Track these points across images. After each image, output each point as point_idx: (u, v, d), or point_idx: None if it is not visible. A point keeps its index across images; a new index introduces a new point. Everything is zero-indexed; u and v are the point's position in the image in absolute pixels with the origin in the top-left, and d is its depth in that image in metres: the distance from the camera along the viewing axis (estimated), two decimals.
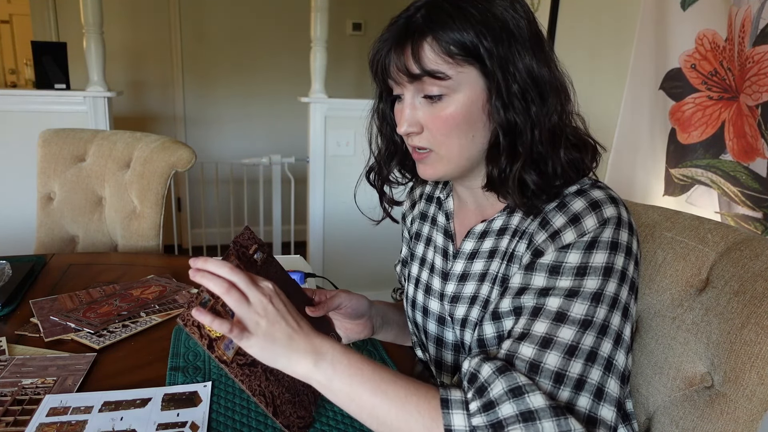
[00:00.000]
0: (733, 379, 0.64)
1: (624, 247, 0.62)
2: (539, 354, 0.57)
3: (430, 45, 0.63)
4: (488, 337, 0.67)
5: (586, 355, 0.57)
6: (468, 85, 0.64)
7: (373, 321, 0.86)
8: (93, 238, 1.65)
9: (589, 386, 0.56)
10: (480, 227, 0.74)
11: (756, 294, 0.64)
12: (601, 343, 0.58)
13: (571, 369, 0.56)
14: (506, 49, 0.62)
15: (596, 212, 0.62)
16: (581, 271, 0.60)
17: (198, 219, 3.50)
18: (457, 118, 0.65)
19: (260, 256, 0.71)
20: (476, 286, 0.73)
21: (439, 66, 0.63)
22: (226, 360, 0.63)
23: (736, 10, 1.25)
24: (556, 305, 0.59)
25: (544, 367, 0.57)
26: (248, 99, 3.86)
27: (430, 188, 0.88)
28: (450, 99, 0.64)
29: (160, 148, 1.58)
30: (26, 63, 4.80)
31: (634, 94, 1.58)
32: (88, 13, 2.23)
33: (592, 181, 0.67)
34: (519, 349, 0.58)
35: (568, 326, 0.58)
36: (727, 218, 1.32)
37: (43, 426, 0.67)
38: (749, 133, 1.24)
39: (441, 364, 0.80)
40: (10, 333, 0.93)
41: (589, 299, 0.59)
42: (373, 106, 0.78)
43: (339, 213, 2.78)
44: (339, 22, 3.72)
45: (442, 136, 0.66)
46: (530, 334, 0.59)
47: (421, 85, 0.65)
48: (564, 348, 0.57)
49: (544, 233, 0.64)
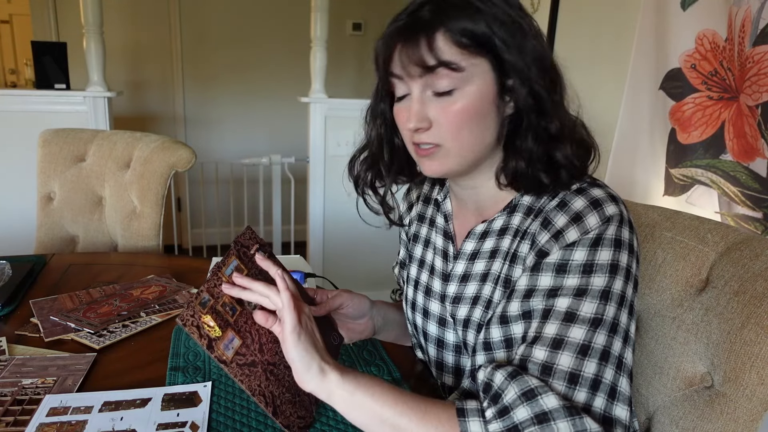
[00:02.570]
0: (733, 379, 0.64)
1: (627, 244, 0.62)
2: (551, 356, 0.58)
3: (444, 36, 0.63)
4: (495, 340, 0.67)
5: (599, 354, 0.58)
6: (479, 77, 0.64)
7: (374, 321, 0.86)
8: (93, 238, 1.65)
9: (603, 386, 0.57)
10: (480, 227, 0.74)
11: (756, 294, 0.64)
12: (612, 342, 0.58)
13: (586, 369, 0.57)
14: (519, 40, 0.63)
15: (598, 210, 0.62)
16: (588, 268, 0.60)
17: (198, 219, 3.50)
18: (468, 110, 0.65)
19: (261, 256, 0.71)
20: (478, 287, 0.73)
21: (454, 57, 0.63)
22: (226, 360, 0.63)
23: (736, 10, 1.25)
24: (565, 305, 0.60)
25: (557, 369, 0.57)
26: (248, 99, 3.86)
27: (427, 189, 0.88)
28: (460, 92, 0.64)
29: (160, 148, 1.58)
30: (26, 63, 4.80)
31: (634, 94, 1.58)
32: (88, 13, 2.23)
33: (591, 179, 0.67)
34: (531, 353, 0.59)
35: (579, 325, 0.58)
36: (727, 218, 1.32)
37: (43, 426, 0.67)
38: (749, 133, 1.24)
39: (442, 365, 0.80)
40: (10, 333, 0.93)
41: (598, 297, 0.59)
42: (369, 108, 0.77)
43: (339, 213, 2.78)
44: (339, 22, 3.72)
45: (454, 129, 0.66)
46: (541, 336, 0.59)
47: (432, 79, 0.64)
48: (576, 348, 0.58)
49: (547, 233, 0.64)
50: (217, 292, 0.65)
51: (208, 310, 0.64)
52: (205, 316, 0.63)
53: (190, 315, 0.62)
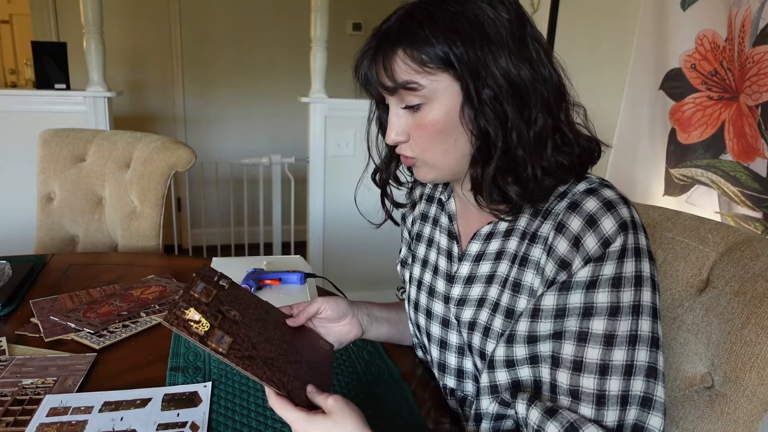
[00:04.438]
0: (733, 380, 0.64)
1: (646, 251, 0.62)
2: (601, 382, 0.60)
3: (402, 57, 0.63)
4: (519, 358, 0.67)
5: (644, 371, 0.60)
6: (444, 92, 0.63)
7: (359, 320, 0.84)
8: (93, 238, 1.65)
9: (656, 403, 0.60)
10: (486, 229, 0.74)
11: (756, 294, 0.64)
12: (656, 357, 0.60)
13: (634, 388, 0.59)
14: (478, 52, 0.60)
15: (612, 213, 0.61)
16: (616, 282, 0.60)
17: (198, 219, 3.50)
18: (437, 125, 0.65)
19: (226, 281, 0.71)
20: (483, 289, 0.72)
21: (412, 76, 0.63)
22: (223, 352, 0.61)
23: (736, 10, 1.25)
24: (602, 327, 0.60)
25: (609, 395, 0.59)
26: (248, 99, 3.86)
27: (431, 189, 0.88)
28: (428, 107, 0.65)
29: (160, 148, 1.58)
30: (26, 63, 4.80)
31: (634, 94, 1.58)
32: (88, 13, 2.23)
33: (600, 179, 0.67)
34: (581, 382, 0.60)
35: (619, 347, 0.60)
36: (727, 218, 1.32)
37: (44, 426, 0.67)
38: (749, 133, 1.24)
39: (444, 366, 0.80)
40: (10, 333, 0.93)
41: (630, 314, 0.60)
42: (370, 113, 0.78)
43: (339, 213, 2.78)
44: (339, 22, 3.71)
45: (425, 143, 0.67)
46: (584, 362, 0.60)
47: (400, 95, 0.65)
48: (621, 369, 0.59)
49: (563, 239, 0.63)
50: (195, 302, 0.64)
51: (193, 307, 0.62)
52: (188, 311, 0.62)
53: (174, 315, 0.61)
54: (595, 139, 0.69)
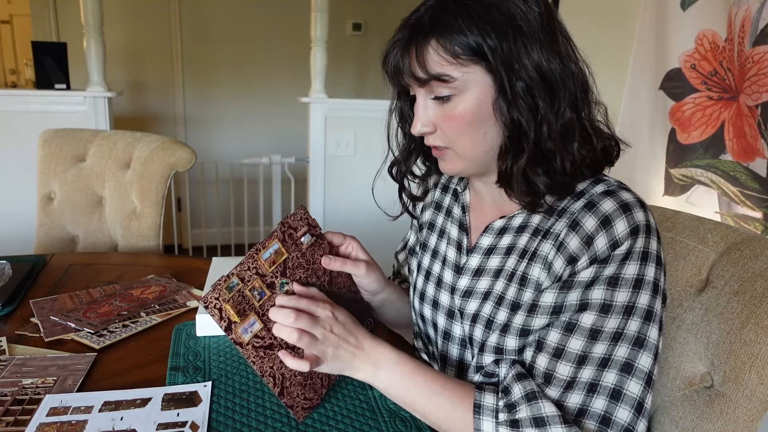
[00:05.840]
0: (733, 379, 0.64)
1: (655, 256, 0.62)
2: (575, 371, 0.60)
3: (435, 48, 0.63)
4: (509, 348, 0.68)
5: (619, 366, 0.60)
6: (475, 84, 0.64)
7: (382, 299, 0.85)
8: (93, 238, 1.65)
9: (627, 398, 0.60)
10: (499, 223, 0.74)
11: (756, 294, 0.64)
12: (637, 355, 0.60)
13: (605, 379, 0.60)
14: (511, 45, 0.61)
15: (627, 216, 0.61)
16: (613, 281, 0.61)
17: (198, 219, 3.50)
18: (466, 116, 0.65)
19: (308, 240, 0.71)
20: (491, 282, 0.72)
21: (444, 68, 0.63)
22: (242, 342, 0.65)
23: (735, 10, 1.25)
24: (590, 321, 0.61)
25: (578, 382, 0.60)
26: (248, 99, 3.86)
27: (446, 178, 0.88)
28: (459, 99, 0.64)
29: (160, 148, 1.58)
30: (26, 63, 4.79)
31: (634, 94, 1.59)
32: (88, 13, 2.23)
33: (618, 182, 0.67)
34: (557, 368, 0.61)
35: (602, 341, 0.60)
36: (727, 218, 1.32)
37: (44, 426, 0.67)
38: (749, 133, 1.24)
39: (446, 357, 0.80)
40: (10, 333, 0.93)
41: (621, 313, 0.60)
42: (392, 105, 0.78)
43: (339, 213, 2.78)
44: (339, 22, 3.71)
45: (454, 134, 0.67)
46: (565, 351, 0.61)
47: (430, 86, 0.65)
48: (597, 361, 0.60)
49: (576, 236, 0.63)
50: (249, 275, 0.66)
51: (234, 294, 0.65)
52: (226, 304, 0.65)
53: (214, 298, 0.64)
54: (614, 137, 0.70)
